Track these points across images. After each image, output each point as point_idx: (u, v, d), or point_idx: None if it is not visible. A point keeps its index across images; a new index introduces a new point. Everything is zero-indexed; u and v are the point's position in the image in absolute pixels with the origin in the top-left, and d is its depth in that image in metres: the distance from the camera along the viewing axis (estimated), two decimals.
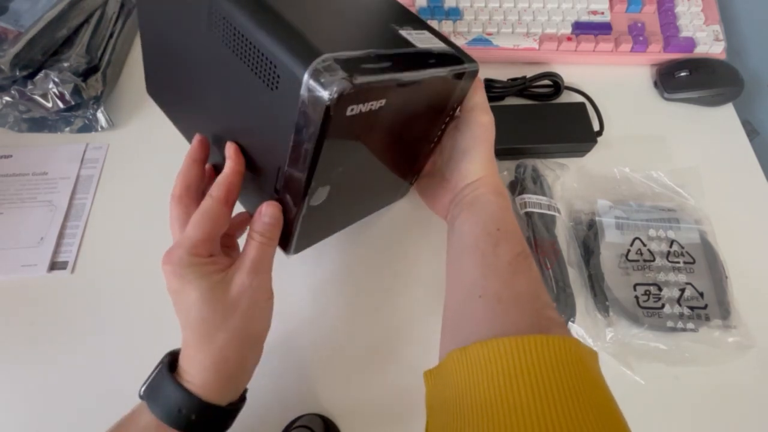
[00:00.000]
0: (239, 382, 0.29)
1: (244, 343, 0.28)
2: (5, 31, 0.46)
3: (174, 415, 0.26)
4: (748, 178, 0.48)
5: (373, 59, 0.24)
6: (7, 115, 0.47)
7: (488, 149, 0.35)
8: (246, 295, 0.27)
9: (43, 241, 0.43)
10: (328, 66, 0.22)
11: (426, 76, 0.27)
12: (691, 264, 0.41)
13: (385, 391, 0.38)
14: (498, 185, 0.34)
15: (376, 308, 0.41)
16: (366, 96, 0.23)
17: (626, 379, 0.38)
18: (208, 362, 0.27)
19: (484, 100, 0.35)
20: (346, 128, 0.24)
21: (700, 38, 0.53)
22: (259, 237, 0.28)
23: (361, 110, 0.24)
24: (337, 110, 0.22)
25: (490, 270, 0.29)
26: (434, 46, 0.30)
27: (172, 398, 0.26)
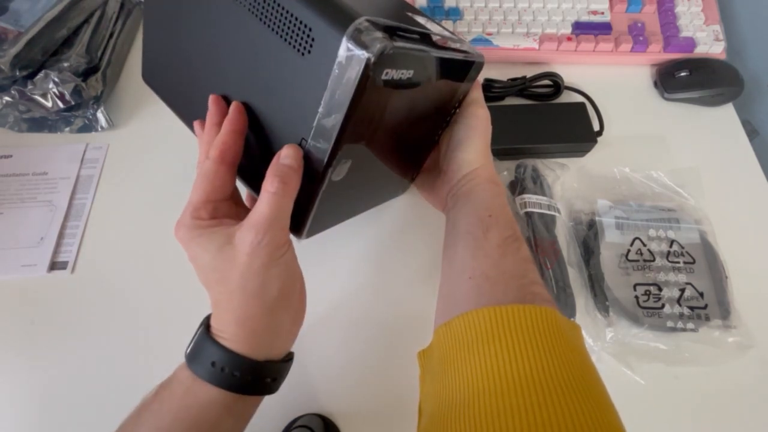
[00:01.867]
0: (272, 340, 0.28)
1: (267, 302, 0.26)
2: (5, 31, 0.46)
3: (208, 370, 0.25)
4: (748, 178, 0.48)
5: (404, 30, 0.25)
6: (7, 115, 0.47)
7: (484, 141, 0.36)
8: (258, 254, 0.25)
9: (43, 241, 0.43)
10: (367, 27, 0.22)
11: (449, 55, 0.28)
12: (691, 264, 0.41)
13: (385, 391, 0.38)
14: (493, 175, 0.35)
15: (376, 308, 0.41)
16: (401, 61, 0.24)
17: (626, 379, 0.38)
18: (232, 320, 0.26)
19: (481, 96, 0.36)
20: (376, 96, 0.24)
21: (700, 38, 0.53)
22: (273, 186, 0.25)
23: (393, 77, 0.24)
24: (375, 70, 0.22)
25: (480, 253, 0.30)
26: (445, 33, 0.30)
27: (207, 352, 0.26)
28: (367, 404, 0.37)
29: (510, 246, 0.30)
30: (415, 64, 0.25)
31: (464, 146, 0.35)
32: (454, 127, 0.36)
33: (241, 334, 0.26)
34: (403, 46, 0.23)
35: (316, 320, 0.40)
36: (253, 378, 0.27)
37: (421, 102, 0.31)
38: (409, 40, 0.24)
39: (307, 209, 0.29)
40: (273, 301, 0.26)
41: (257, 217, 0.25)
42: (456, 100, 0.35)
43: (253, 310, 0.26)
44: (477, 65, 0.33)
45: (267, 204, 0.25)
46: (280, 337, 0.29)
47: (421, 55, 0.25)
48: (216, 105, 0.29)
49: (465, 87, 0.35)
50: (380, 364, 0.39)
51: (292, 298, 0.28)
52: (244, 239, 0.25)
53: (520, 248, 0.31)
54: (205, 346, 0.26)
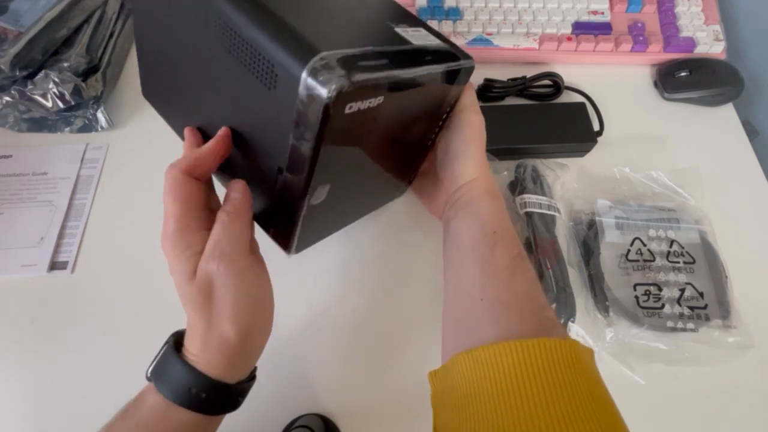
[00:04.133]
0: (243, 363, 0.29)
1: (243, 327, 0.27)
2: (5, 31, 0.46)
3: (184, 395, 0.26)
4: (748, 178, 0.48)
5: (371, 56, 0.24)
6: (7, 115, 0.47)
7: (479, 150, 0.34)
8: (219, 282, 0.25)
9: (43, 241, 0.43)
10: (325, 64, 0.21)
11: (423, 72, 0.27)
12: (691, 264, 0.41)
13: (385, 391, 0.38)
14: (492, 186, 0.34)
15: (376, 308, 0.41)
16: (364, 93, 0.23)
17: (626, 379, 0.38)
18: (207, 343, 0.26)
19: (474, 100, 0.35)
20: (344, 126, 0.24)
21: (700, 38, 0.53)
22: (224, 215, 0.26)
23: (360, 108, 0.24)
24: (335, 108, 0.22)
25: (490, 273, 0.30)
26: (430, 43, 0.30)
27: (181, 378, 0.26)
28: (367, 404, 0.37)
29: (518, 266, 0.30)
30: (384, 91, 0.25)
31: (460, 157, 0.34)
32: (447, 134, 0.35)
33: (218, 360, 0.26)
34: (365, 79, 0.22)
35: (316, 320, 0.40)
36: (228, 399, 0.28)
37: (404, 115, 0.30)
38: (375, 68, 0.24)
39: (292, 231, 0.29)
40: (247, 325, 0.27)
41: (211, 244, 0.26)
42: (447, 105, 0.34)
43: (227, 334, 0.26)
44: (466, 71, 0.31)
45: (218, 230, 0.26)
46: (252, 358, 0.30)
47: (389, 81, 0.24)
48: (191, 137, 0.30)
49: (456, 91, 0.33)
50: (380, 364, 0.39)
51: (264, 318, 0.29)
52: (201, 267, 0.25)
53: (527, 268, 0.31)
54: (181, 372, 0.26)
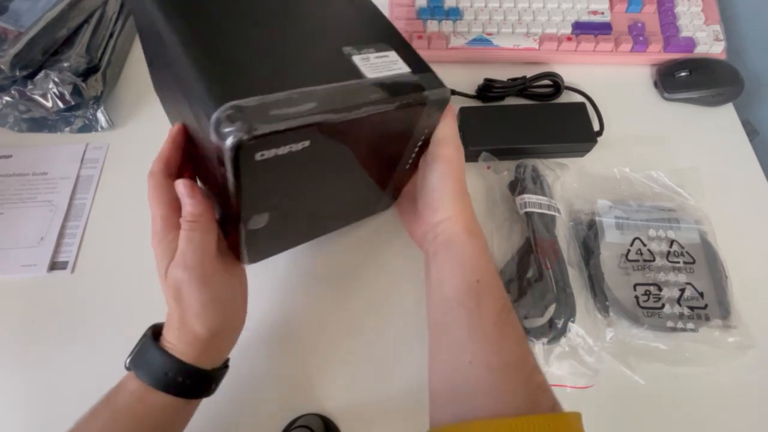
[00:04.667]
0: (216, 354, 0.31)
1: (207, 325, 0.28)
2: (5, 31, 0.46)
3: (161, 378, 0.28)
4: (748, 178, 0.48)
5: (294, 101, 0.23)
6: (7, 115, 0.47)
7: (455, 185, 0.33)
8: (186, 288, 0.28)
9: (43, 241, 0.43)
10: (229, 115, 0.22)
11: (359, 114, 0.25)
12: (691, 264, 0.41)
13: (385, 391, 0.38)
14: (471, 224, 0.33)
15: (376, 308, 0.41)
16: (276, 142, 0.23)
17: (626, 379, 0.38)
18: (180, 335, 0.29)
19: (450, 133, 0.33)
20: (262, 170, 0.24)
21: (700, 38, 0.53)
22: (185, 224, 0.28)
23: (278, 154, 0.23)
24: (242, 157, 0.22)
25: (477, 333, 0.29)
26: (390, 73, 0.28)
27: (158, 363, 0.28)
28: (367, 404, 0.37)
29: (506, 322, 0.30)
30: (308, 135, 0.24)
31: (436, 193, 0.33)
32: (424, 166, 0.33)
33: (191, 351, 0.29)
34: (271, 129, 0.22)
35: (316, 320, 0.40)
36: (202, 384, 0.30)
37: (358, 146, 0.29)
38: (291, 116, 0.23)
39: (239, 246, 0.31)
40: (216, 323, 0.29)
41: (178, 254, 0.28)
42: (421, 132, 0.32)
43: (198, 332, 0.28)
44: (434, 104, 0.29)
45: (182, 243, 0.28)
46: (223, 351, 0.33)
47: (310, 126, 0.23)
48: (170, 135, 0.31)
49: (429, 119, 0.31)
50: (380, 364, 0.39)
51: (234, 317, 0.32)
52: (170, 274, 0.28)
53: (514, 323, 0.30)
54: (158, 358, 0.28)
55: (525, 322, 0.39)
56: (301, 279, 0.42)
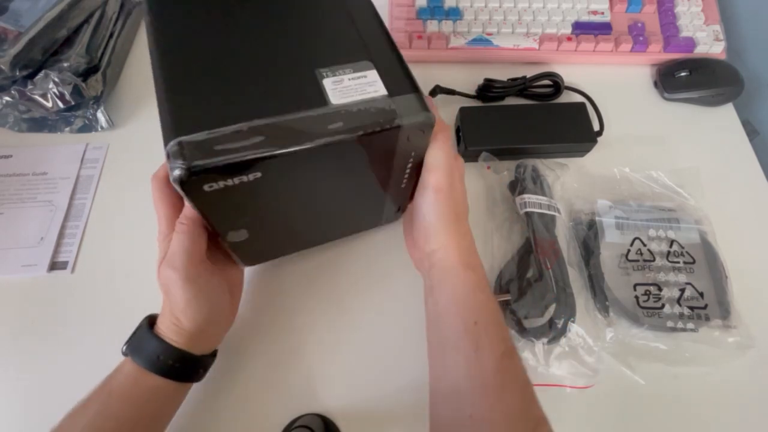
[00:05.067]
0: (204, 343, 0.33)
1: (192, 319, 0.30)
2: (5, 31, 0.46)
3: (154, 361, 0.30)
4: (748, 178, 0.48)
5: (240, 135, 0.24)
6: (7, 115, 0.47)
7: (447, 214, 0.31)
8: (173, 286, 0.29)
9: (43, 241, 0.43)
10: (174, 151, 0.23)
11: (311, 146, 0.25)
12: (691, 264, 0.41)
13: (385, 391, 0.38)
14: (467, 257, 0.31)
15: (376, 308, 0.41)
16: (221, 175, 0.24)
17: (626, 379, 0.38)
18: (170, 324, 0.31)
19: (440, 158, 0.30)
20: (218, 198, 0.25)
21: (700, 38, 0.53)
22: (179, 227, 0.30)
23: (228, 185, 0.25)
24: (189, 189, 0.24)
25: (477, 382, 0.28)
26: (361, 98, 0.27)
27: (151, 347, 0.30)
28: (367, 404, 0.37)
29: (507, 370, 0.29)
30: (259, 167, 0.24)
31: (428, 221, 0.32)
32: (417, 191, 0.32)
33: (180, 339, 0.31)
34: (210, 163, 0.23)
35: (316, 320, 0.40)
36: (191, 368, 0.32)
37: (327, 172, 0.29)
38: (235, 150, 0.24)
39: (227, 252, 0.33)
40: (201, 318, 0.31)
41: (168, 254, 0.29)
42: (408, 157, 0.30)
43: (183, 325, 0.30)
44: (412, 128, 0.27)
45: (174, 245, 0.29)
46: (211, 341, 0.34)
47: (254, 158, 0.24)
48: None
49: (411, 147, 0.30)
50: (380, 364, 0.39)
51: (219, 314, 0.33)
52: (161, 274, 0.30)
53: (516, 367, 0.29)
54: (151, 343, 0.30)
55: (525, 322, 0.39)
56: (301, 279, 0.42)
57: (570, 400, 0.37)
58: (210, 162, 0.23)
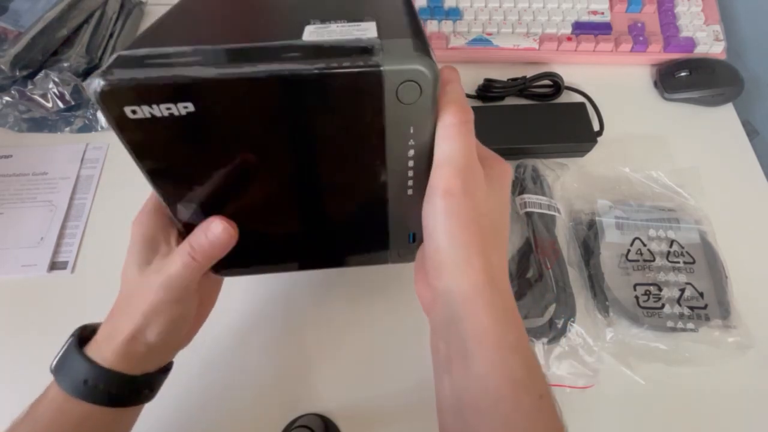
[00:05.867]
0: (151, 362, 0.28)
1: (151, 338, 0.26)
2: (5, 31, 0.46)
3: (80, 387, 0.25)
4: (748, 178, 0.48)
5: (181, 54, 0.20)
6: (7, 115, 0.47)
7: (463, 233, 0.21)
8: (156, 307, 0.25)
9: (43, 241, 0.43)
10: (108, 64, 0.20)
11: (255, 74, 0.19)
12: (691, 264, 0.41)
13: (385, 391, 0.38)
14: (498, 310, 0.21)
15: (377, 308, 0.41)
16: (145, 96, 0.20)
17: (626, 379, 0.38)
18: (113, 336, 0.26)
19: (454, 149, 0.22)
20: (148, 137, 0.21)
21: (700, 38, 0.53)
22: (189, 250, 0.25)
23: (153, 114, 0.20)
24: (109, 110, 0.20)
25: None
26: (342, 37, 0.21)
27: (76, 369, 0.25)
28: (367, 404, 0.37)
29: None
30: (186, 94, 0.20)
31: (434, 243, 0.22)
32: (424, 201, 0.23)
33: (118, 357, 0.25)
34: (129, 77, 0.19)
35: (316, 320, 0.40)
36: (129, 392, 0.26)
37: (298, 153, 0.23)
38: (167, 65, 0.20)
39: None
40: (154, 338, 0.26)
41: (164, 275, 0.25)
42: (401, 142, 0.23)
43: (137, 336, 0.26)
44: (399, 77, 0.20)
45: (178, 265, 0.25)
46: (160, 359, 0.28)
47: (185, 77, 0.19)
48: None
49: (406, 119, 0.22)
50: (380, 364, 0.39)
51: (180, 332, 0.28)
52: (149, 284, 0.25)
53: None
54: (77, 364, 0.25)
55: (525, 322, 0.39)
56: (301, 279, 0.42)
57: (570, 400, 0.37)
58: (131, 74, 0.19)
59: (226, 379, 0.38)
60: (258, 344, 0.39)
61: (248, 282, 0.40)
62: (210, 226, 0.25)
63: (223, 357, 0.39)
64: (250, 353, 0.39)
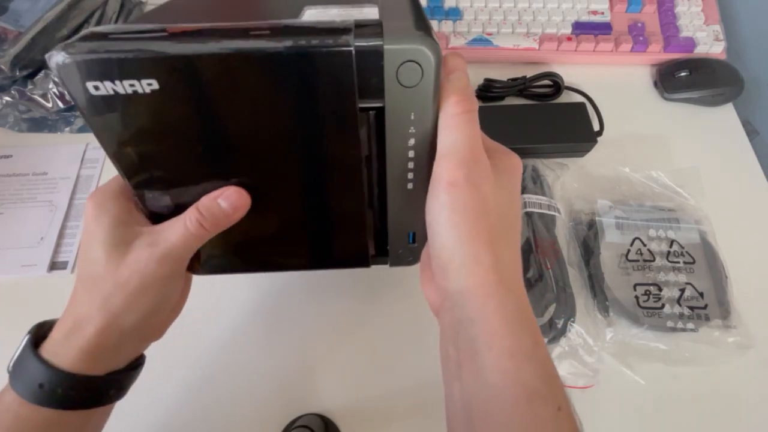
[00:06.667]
0: (117, 359, 0.25)
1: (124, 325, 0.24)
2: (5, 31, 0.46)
3: (35, 391, 0.22)
4: (748, 178, 0.48)
5: (152, 30, 0.19)
6: (7, 115, 0.47)
7: (471, 228, 0.20)
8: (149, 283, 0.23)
9: (43, 241, 0.43)
10: (76, 38, 0.19)
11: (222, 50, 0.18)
12: (691, 264, 0.41)
13: (385, 391, 0.38)
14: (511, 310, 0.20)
15: (376, 308, 0.41)
16: (106, 71, 0.19)
17: (626, 379, 0.38)
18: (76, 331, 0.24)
19: (458, 138, 0.21)
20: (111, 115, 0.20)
21: (700, 38, 0.53)
22: (198, 217, 0.22)
23: (116, 91, 0.19)
24: (72, 84, 0.19)
25: None
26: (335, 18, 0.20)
27: (31, 372, 0.23)
28: (367, 404, 0.37)
29: None
30: (149, 69, 0.19)
31: (439, 241, 0.21)
32: (428, 194, 0.22)
33: (79, 355, 0.23)
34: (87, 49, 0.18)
35: (317, 320, 0.40)
36: (93, 394, 0.24)
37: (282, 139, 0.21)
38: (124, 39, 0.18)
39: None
40: (131, 324, 0.24)
41: (166, 244, 0.23)
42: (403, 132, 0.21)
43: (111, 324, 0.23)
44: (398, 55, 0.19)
45: (182, 234, 0.23)
46: (128, 356, 0.26)
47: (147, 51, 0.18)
48: None
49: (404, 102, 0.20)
50: (380, 364, 0.39)
51: (159, 317, 0.26)
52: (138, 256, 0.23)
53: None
54: (32, 366, 0.23)
55: None
56: (300, 279, 0.42)
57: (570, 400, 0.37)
58: (91, 48, 0.18)
59: (226, 380, 0.38)
60: (258, 344, 0.39)
61: (248, 282, 0.40)
62: (224, 192, 0.23)
63: (224, 357, 0.39)
64: (251, 353, 0.39)
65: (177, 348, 0.38)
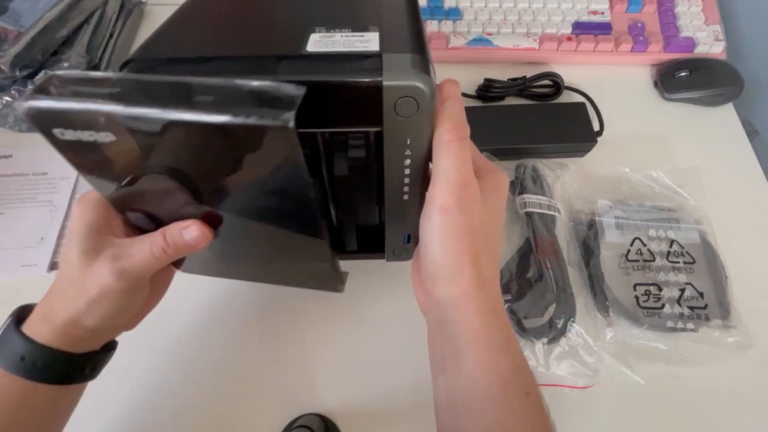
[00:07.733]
0: (94, 341, 0.28)
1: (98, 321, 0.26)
2: (5, 31, 0.46)
3: (17, 363, 0.25)
4: (748, 178, 0.48)
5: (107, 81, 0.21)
6: (7, 115, 0.47)
7: (458, 247, 0.23)
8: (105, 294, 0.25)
9: (43, 241, 0.43)
10: (41, 82, 0.20)
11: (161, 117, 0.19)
12: (691, 264, 0.41)
13: (385, 391, 0.38)
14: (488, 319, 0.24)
15: (376, 308, 0.41)
16: (63, 120, 0.20)
17: (626, 379, 0.38)
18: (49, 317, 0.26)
19: (447, 165, 0.23)
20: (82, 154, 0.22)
21: (700, 38, 0.53)
22: (162, 244, 0.24)
23: (81, 138, 0.20)
24: (41, 128, 0.20)
25: None
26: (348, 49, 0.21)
27: (14, 346, 0.25)
28: (367, 404, 0.37)
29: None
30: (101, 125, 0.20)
31: (430, 255, 0.24)
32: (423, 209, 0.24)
33: (55, 334, 0.25)
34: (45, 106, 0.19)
35: (316, 320, 0.40)
36: (69, 370, 0.27)
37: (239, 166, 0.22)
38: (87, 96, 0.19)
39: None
40: (93, 325, 0.26)
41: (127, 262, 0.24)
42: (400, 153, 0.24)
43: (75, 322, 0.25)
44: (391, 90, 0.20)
45: (146, 254, 0.25)
46: (104, 337, 0.28)
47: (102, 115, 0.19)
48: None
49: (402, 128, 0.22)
50: (380, 364, 0.39)
51: (123, 319, 0.28)
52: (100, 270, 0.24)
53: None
54: (14, 341, 0.25)
55: (525, 322, 0.39)
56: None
57: (570, 400, 0.37)
58: (49, 105, 0.19)
59: (227, 379, 0.38)
60: (258, 345, 0.39)
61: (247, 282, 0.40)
62: (189, 226, 0.25)
63: (224, 357, 0.39)
64: (251, 354, 0.39)
65: (177, 348, 0.38)
